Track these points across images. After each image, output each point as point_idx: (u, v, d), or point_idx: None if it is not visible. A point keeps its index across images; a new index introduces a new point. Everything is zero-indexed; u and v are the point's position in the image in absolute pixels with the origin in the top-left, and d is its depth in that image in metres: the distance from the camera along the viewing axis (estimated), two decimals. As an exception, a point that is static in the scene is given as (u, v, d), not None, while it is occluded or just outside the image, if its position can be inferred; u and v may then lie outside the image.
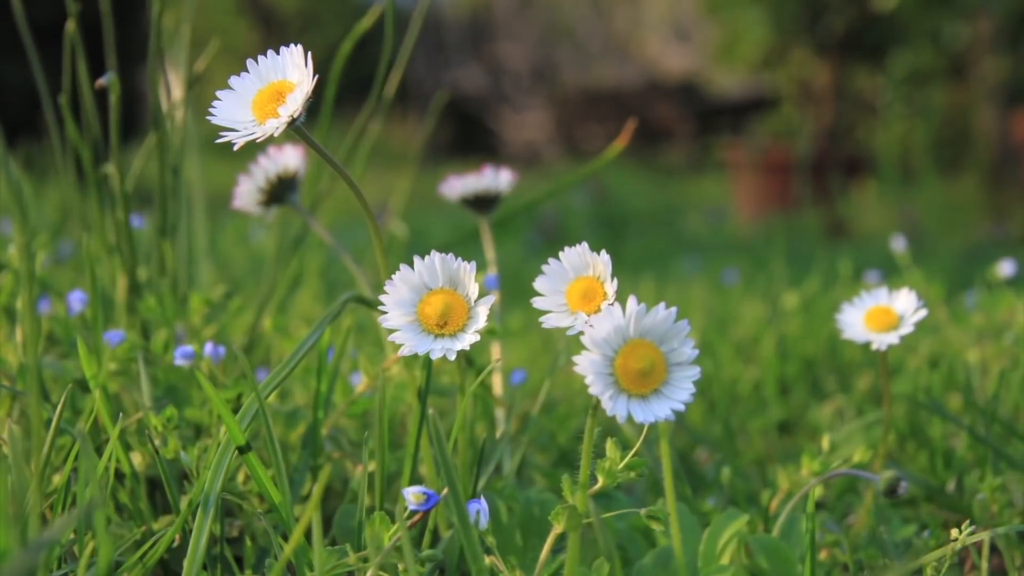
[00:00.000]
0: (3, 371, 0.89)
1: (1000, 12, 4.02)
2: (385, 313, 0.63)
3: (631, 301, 0.56)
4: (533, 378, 1.28)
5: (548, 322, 0.60)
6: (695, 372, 0.54)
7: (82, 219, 1.14)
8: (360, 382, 0.94)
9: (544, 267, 0.62)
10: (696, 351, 0.56)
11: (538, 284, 0.62)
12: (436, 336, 0.61)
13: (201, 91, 1.13)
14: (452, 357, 0.61)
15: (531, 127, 7.99)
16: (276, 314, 1.15)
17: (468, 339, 0.61)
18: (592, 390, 0.53)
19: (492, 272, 1.05)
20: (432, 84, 7.86)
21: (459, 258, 0.70)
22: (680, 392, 0.54)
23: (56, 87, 1.06)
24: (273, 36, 7.99)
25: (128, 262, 1.04)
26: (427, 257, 0.63)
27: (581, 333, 0.56)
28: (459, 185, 1.05)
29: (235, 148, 0.63)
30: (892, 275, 1.69)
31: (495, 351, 1.07)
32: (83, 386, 0.90)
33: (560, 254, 0.63)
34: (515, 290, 2.23)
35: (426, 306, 0.61)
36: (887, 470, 0.80)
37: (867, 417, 1.18)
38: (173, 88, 1.10)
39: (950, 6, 4.07)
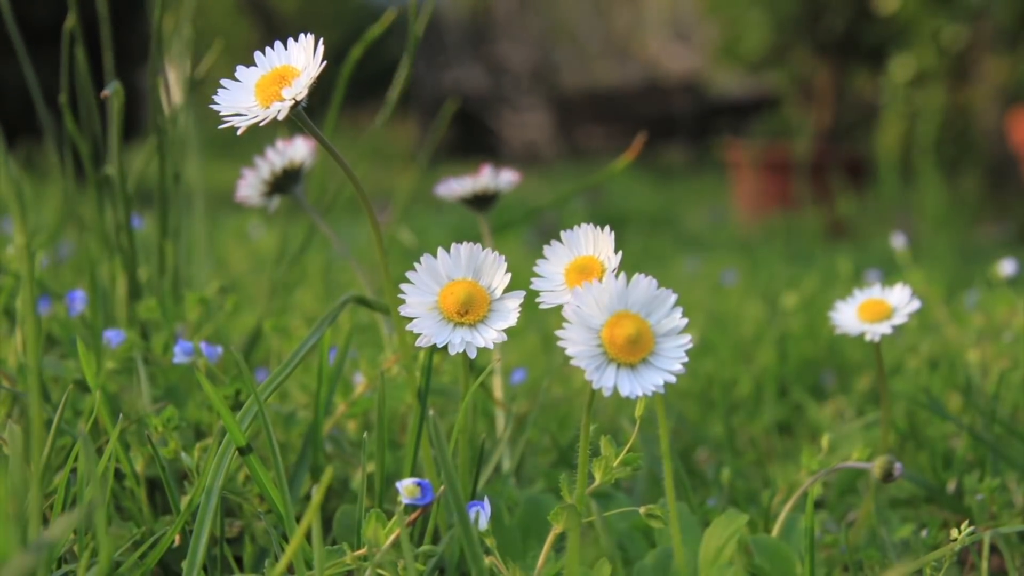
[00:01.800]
0: (3, 371, 0.89)
1: (1000, 12, 4.02)
2: (402, 303, 0.61)
3: (610, 274, 0.54)
4: (533, 378, 1.28)
5: (545, 301, 0.60)
6: (686, 341, 0.53)
7: (82, 219, 1.14)
8: (360, 382, 0.94)
9: (546, 248, 0.61)
10: (685, 320, 0.54)
11: (538, 267, 0.61)
12: (456, 325, 0.60)
13: (202, 92, 1.13)
14: (473, 353, 0.59)
15: (531, 127, 7.99)
16: (277, 314, 1.15)
17: (492, 335, 0.59)
18: (575, 362, 0.52)
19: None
20: (433, 84, 7.86)
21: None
22: (670, 362, 0.52)
23: (58, 87, 1.06)
24: (273, 37, 7.98)
25: (128, 262, 1.04)
26: (452, 247, 0.61)
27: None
28: (457, 187, 1.06)
29: (239, 133, 0.62)
30: (892, 275, 1.69)
31: (495, 351, 1.07)
32: (83, 386, 0.90)
33: (562, 234, 0.62)
34: (514, 289, 2.23)
35: (448, 294, 0.60)
36: (882, 456, 0.79)
37: (867, 417, 1.18)
38: (173, 90, 1.10)
39: (950, 6, 4.06)
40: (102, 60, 1.06)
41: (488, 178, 1.05)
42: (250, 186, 0.98)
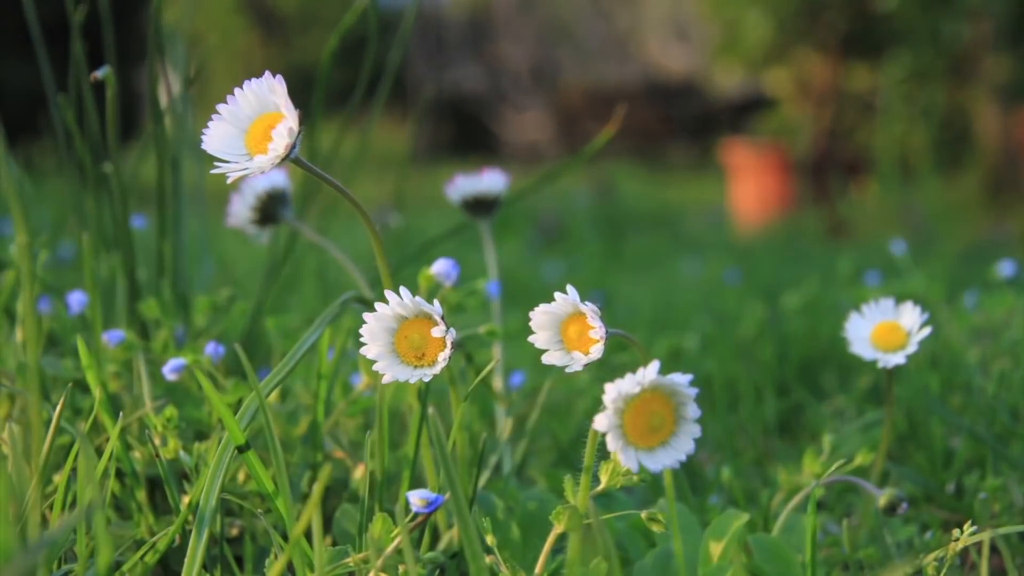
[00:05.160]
0: (3, 371, 0.89)
1: (1001, 12, 4.01)
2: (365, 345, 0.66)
3: (654, 365, 0.58)
4: (533, 379, 1.28)
5: (547, 359, 0.65)
6: (697, 430, 0.59)
7: (82, 218, 1.14)
8: (360, 382, 0.94)
9: (532, 315, 0.64)
10: (699, 411, 0.59)
11: (534, 323, 0.64)
12: (415, 367, 0.65)
13: (200, 88, 1.13)
14: (427, 379, 0.65)
15: (531, 127, 7.98)
16: (275, 314, 1.15)
17: (441, 365, 0.65)
18: (611, 447, 0.58)
19: (493, 278, 1.05)
20: (432, 84, 7.86)
21: (456, 262, 0.80)
22: (685, 444, 0.59)
23: (55, 87, 1.06)
24: (273, 35, 7.98)
25: (128, 262, 1.04)
26: (402, 292, 0.65)
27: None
28: (464, 185, 1.06)
29: (228, 181, 0.64)
30: (892, 275, 1.69)
31: (495, 351, 1.07)
32: (83, 386, 0.90)
33: (554, 300, 0.65)
34: (516, 291, 2.23)
35: (403, 339, 0.65)
36: (889, 488, 0.81)
37: (867, 417, 1.18)
38: (172, 83, 1.10)
39: (950, 6, 4.06)
40: (102, 60, 1.06)
41: (488, 181, 1.06)
42: (238, 216, 1.01)
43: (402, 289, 0.65)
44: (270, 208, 1.01)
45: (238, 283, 1.69)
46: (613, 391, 0.56)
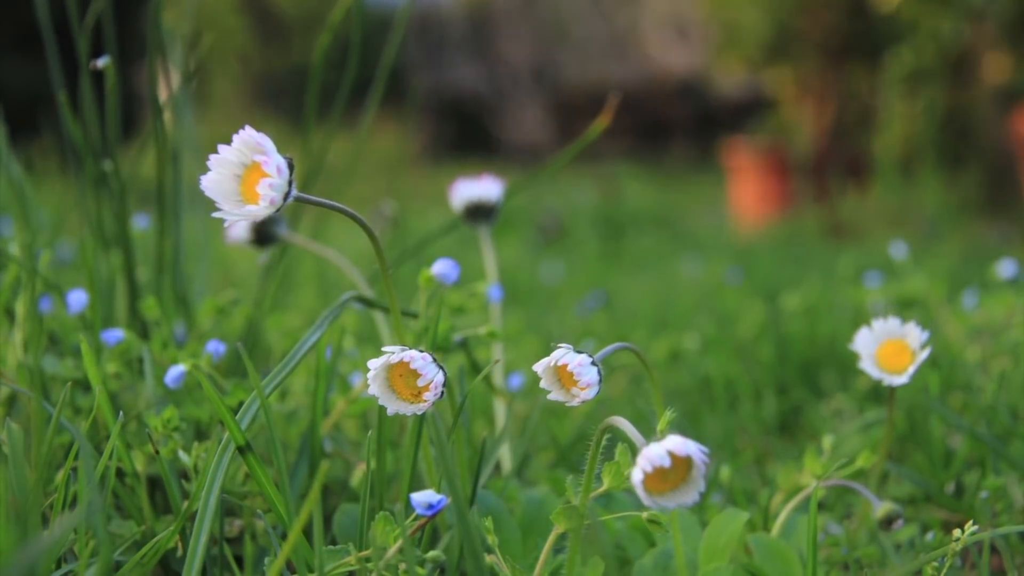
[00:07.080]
0: (3, 371, 0.88)
1: (1001, 12, 4.01)
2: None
3: (679, 439, 0.62)
4: (533, 379, 1.28)
5: (551, 398, 0.69)
6: (703, 484, 0.63)
7: (82, 218, 1.14)
8: (360, 382, 0.94)
9: (535, 367, 0.69)
10: (706, 468, 0.63)
11: (538, 371, 0.69)
12: (411, 402, 0.70)
13: (200, 88, 1.13)
14: (420, 413, 0.69)
15: (531, 127, 7.98)
16: (275, 313, 1.15)
17: (431, 402, 0.69)
18: (638, 490, 0.62)
19: (494, 281, 1.05)
20: (432, 84, 7.86)
21: (456, 262, 0.85)
22: (692, 495, 0.64)
23: (57, 86, 1.06)
24: (272, 36, 7.98)
25: (128, 261, 1.04)
26: (397, 348, 0.69)
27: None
28: (463, 193, 1.07)
29: (226, 225, 0.66)
30: (893, 276, 1.69)
31: (495, 352, 1.07)
32: (83, 385, 0.90)
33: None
34: (516, 291, 2.23)
35: (398, 377, 0.70)
36: (887, 502, 0.82)
37: (867, 417, 1.18)
38: (171, 81, 1.10)
39: (951, 6, 4.06)
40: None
41: (485, 189, 1.06)
42: (236, 239, 1.05)
43: (395, 348, 0.69)
44: (266, 229, 1.05)
45: (237, 283, 1.69)
46: (647, 463, 0.61)
